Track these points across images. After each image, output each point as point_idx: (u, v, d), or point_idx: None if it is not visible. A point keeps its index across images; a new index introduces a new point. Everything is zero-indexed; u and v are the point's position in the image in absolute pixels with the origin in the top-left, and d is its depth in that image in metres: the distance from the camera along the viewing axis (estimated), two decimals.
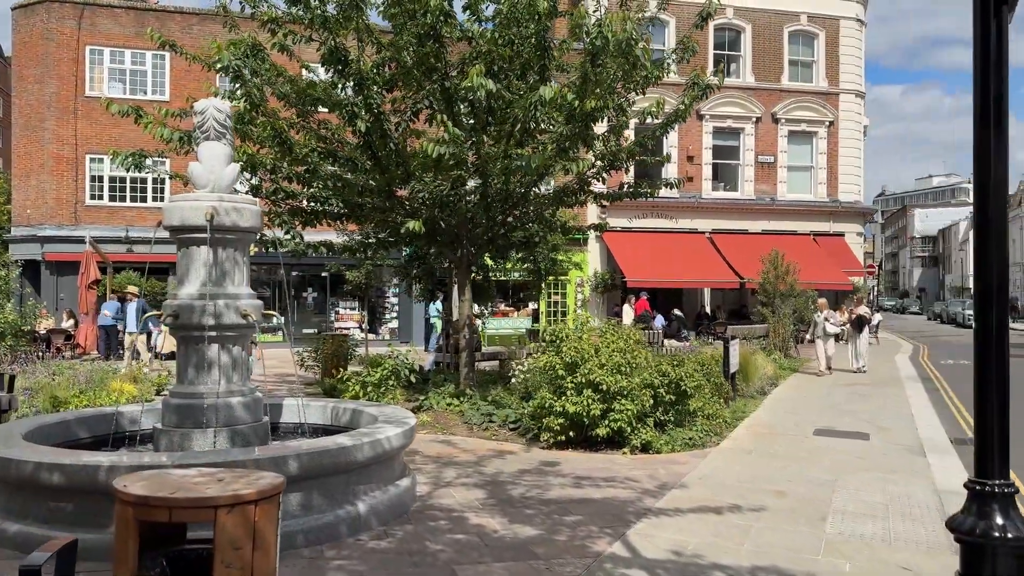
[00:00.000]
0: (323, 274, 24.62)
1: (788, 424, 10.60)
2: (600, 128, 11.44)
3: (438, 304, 19.29)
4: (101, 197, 24.89)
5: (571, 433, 8.61)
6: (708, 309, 27.78)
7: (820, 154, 29.23)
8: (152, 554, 2.74)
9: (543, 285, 18.10)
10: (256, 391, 6.65)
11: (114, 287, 21.48)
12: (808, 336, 17.88)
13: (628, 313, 20.64)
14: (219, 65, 9.65)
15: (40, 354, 15.21)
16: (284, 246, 11.62)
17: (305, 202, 11.82)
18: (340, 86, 10.26)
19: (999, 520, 2.83)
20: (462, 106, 10.38)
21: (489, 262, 14.08)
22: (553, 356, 9.03)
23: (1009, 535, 2.80)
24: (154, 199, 25.16)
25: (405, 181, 10.46)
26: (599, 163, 11.26)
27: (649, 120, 11.41)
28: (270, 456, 5.38)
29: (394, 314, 26.99)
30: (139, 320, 17.82)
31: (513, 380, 11.25)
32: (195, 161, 6.53)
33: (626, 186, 12.59)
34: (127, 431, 6.97)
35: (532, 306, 26.21)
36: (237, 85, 10.18)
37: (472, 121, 10.44)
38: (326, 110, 10.51)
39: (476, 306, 14.79)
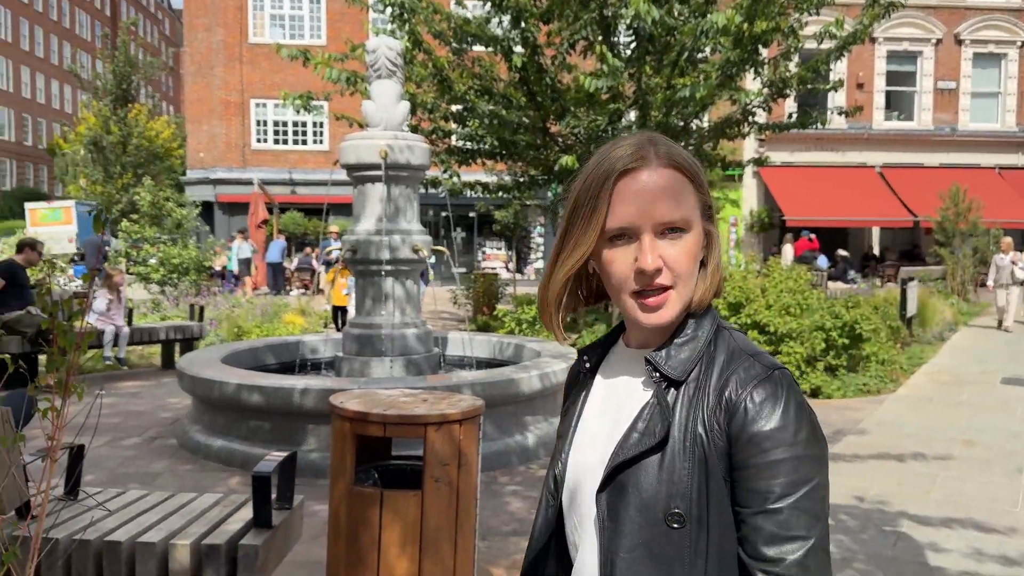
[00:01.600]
0: (470, 214, 25.05)
1: (972, 372, 9.86)
2: (768, 53, 10.78)
3: None
4: (266, 141, 26.26)
5: None
6: (876, 250, 26.11)
7: (1009, 78, 26.37)
8: (364, 467, 2.85)
9: None
10: (427, 324, 6.86)
11: (279, 227, 22.78)
12: (990, 281, 15.35)
13: (788, 253, 19.72)
14: (382, 3, 9.79)
15: (218, 289, 16.44)
16: (441, 185, 11.82)
17: (460, 141, 11.94)
18: (497, 20, 10.17)
19: None
20: (621, 36, 10.06)
21: None
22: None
23: None
24: (314, 142, 26.28)
25: (560, 116, 10.32)
26: (765, 91, 10.64)
27: (815, 44, 10.61)
28: (444, 385, 5.55)
29: (539, 254, 27.14)
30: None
31: None
32: (367, 100, 6.69)
33: (792, 116, 11.86)
34: (309, 359, 7.41)
35: None
36: (395, 26, 10.31)
37: (630, 52, 10.10)
38: (481, 47, 10.48)
39: None
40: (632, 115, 10.32)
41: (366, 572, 2.64)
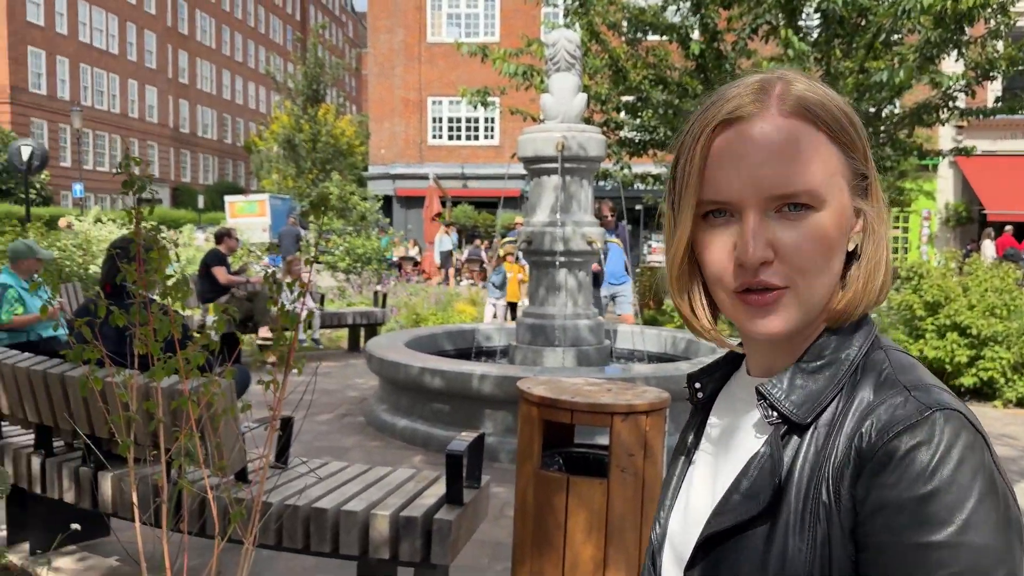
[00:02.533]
0: (637, 207, 24.77)
1: None
2: (972, 32, 9.88)
3: None
4: (441, 137, 27.28)
5: None
6: None
7: None
8: (548, 452, 2.90)
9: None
10: (599, 315, 6.87)
11: (450, 219, 23.58)
12: None
13: (988, 249, 18.04)
14: None
15: (396, 277, 17.28)
16: (613, 177, 11.78)
17: (632, 132, 11.82)
18: (675, 8, 9.98)
19: None
20: (807, 18, 9.57)
21: None
22: (910, 294, 8.16)
23: None
24: (486, 137, 26.99)
25: None
26: (970, 74, 9.77)
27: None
28: (618, 376, 5.53)
29: None
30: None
31: None
32: (545, 93, 6.77)
33: (999, 101, 10.80)
34: (484, 346, 7.63)
35: None
36: (570, 19, 10.36)
37: (817, 35, 9.59)
38: (655, 36, 10.32)
39: None
40: None
41: (553, 554, 2.69)
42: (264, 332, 9.10)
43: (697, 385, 0.93)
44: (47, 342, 5.93)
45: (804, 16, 9.52)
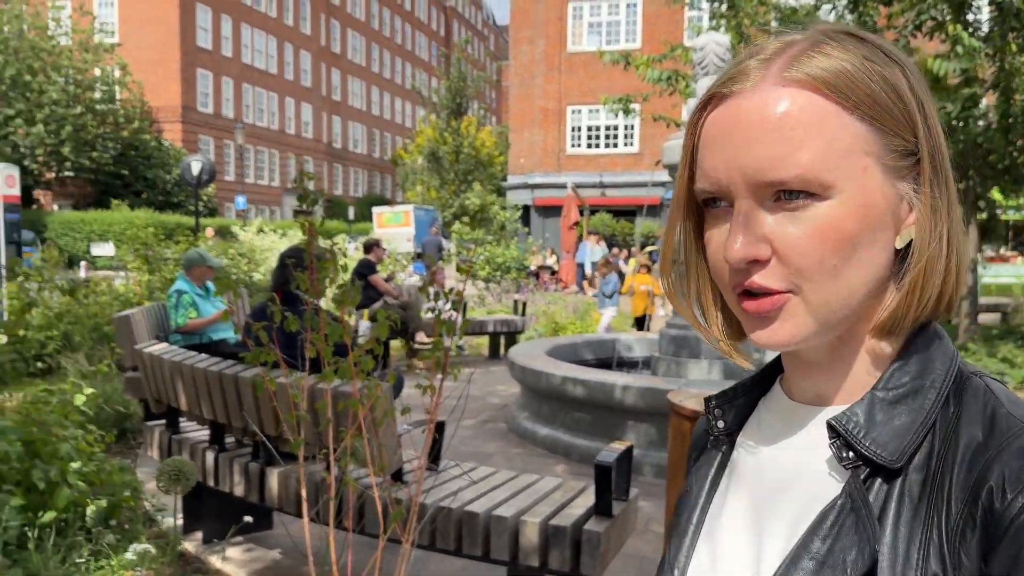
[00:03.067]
0: None
1: None
2: None
3: None
4: (579, 145, 27.34)
5: None
6: None
7: None
8: None
9: None
10: None
11: (590, 228, 23.56)
12: None
13: None
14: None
15: (533, 286, 17.46)
16: None
17: None
18: (830, 6, 9.57)
19: None
20: (977, 12, 8.91)
21: (998, 196, 12.09)
22: None
23: None
24: (625, 145, 26.81)
25: None
26: None
27: None
28: None
29: None
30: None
31: None
32: (692, 98, 6.65)
33: None
34: (625, 356, 7.56)
35: None
36: (716, 21, 10.14)
37: (988, 30, 8.91)
38: None
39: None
40: (988, 100, 9.10)
41: None
42: (421, 337, 9.43)
43: (717, 411, 0.75)
44: (217, 344, 6.38)
45: (974, 10, 8.87)
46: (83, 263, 20.93)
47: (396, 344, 9.63)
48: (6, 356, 6.87)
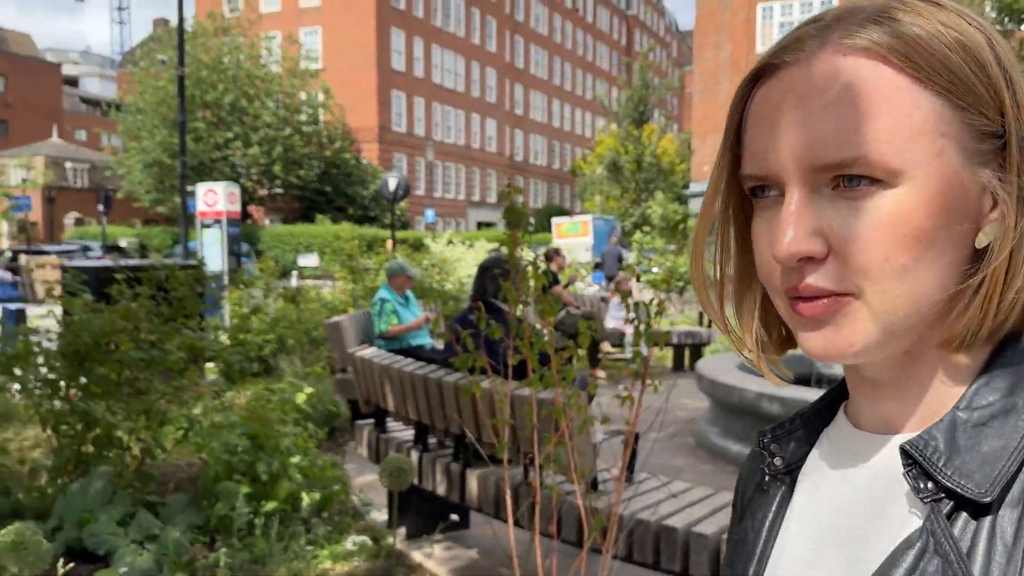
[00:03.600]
0: None
1: None
2: None
3: None
4: None
5: None
6: None
7: None
8: None
9: None
10: None
11: None
12: None
13: None
14: None
15: None
16: None
17: None
18: None
19: None
20: None
21: None
22: None
23: None
24: None
25: None
26: None
27: None
28: None
29: None
30: None
31: None
32: None
33: None
34: (824, 373, 7.16)
35: None
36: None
37: None
38: None
39: None
40: None
41: None
42: (605, 347, 9.47)
43: (771, 446, 0.67)
44: (416, 349, 6.73)
45: None
46: (294, 273, 22.80)
47: (579, 353, 9.71)
48: (236, 357, 7.63)
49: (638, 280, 16.48)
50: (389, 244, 17.97)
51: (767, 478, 0.67)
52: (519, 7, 57.61)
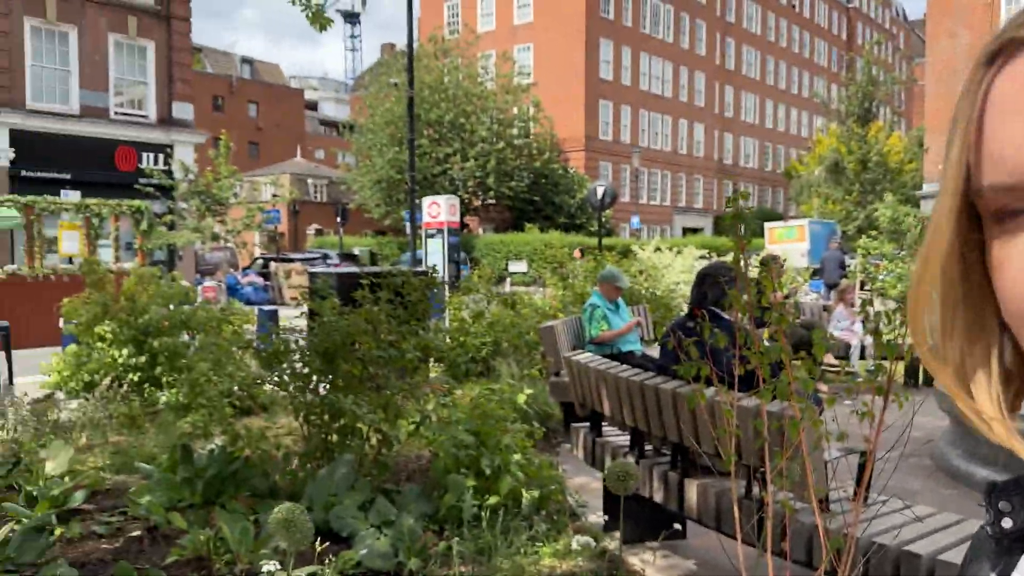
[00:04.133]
0: None
1: None
2: None
3: None
4: None
5: None
6: None
7: None
8: None
9: None
10: None
11: None
12: None
13: None
14: None
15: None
16: None
17: None
18: None
19: None
20: None
21: None
22: None
23: None
24: None
25: None
26: None
27: None
28: None
29: None
30: None
31: None
32: None
33: None
34: None
35: None
36: None
37: None
38: None
39: None
40: None
41: None
42: (829, 359, 9.00)
43: (1001, 507, 0.51)
44: (626, 355, 6.75)
45: None
46: (507, 279, 23.67)
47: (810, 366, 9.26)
48: (461, 357, 8.12)
49: (862, 288, 15.38)
50: (577, 253, 18.12)
51: (995, 543, 0.54)
52: (730, 8, 55.91)
